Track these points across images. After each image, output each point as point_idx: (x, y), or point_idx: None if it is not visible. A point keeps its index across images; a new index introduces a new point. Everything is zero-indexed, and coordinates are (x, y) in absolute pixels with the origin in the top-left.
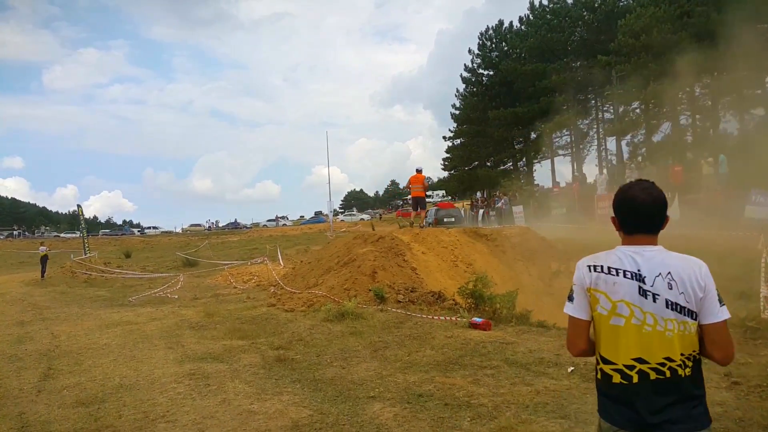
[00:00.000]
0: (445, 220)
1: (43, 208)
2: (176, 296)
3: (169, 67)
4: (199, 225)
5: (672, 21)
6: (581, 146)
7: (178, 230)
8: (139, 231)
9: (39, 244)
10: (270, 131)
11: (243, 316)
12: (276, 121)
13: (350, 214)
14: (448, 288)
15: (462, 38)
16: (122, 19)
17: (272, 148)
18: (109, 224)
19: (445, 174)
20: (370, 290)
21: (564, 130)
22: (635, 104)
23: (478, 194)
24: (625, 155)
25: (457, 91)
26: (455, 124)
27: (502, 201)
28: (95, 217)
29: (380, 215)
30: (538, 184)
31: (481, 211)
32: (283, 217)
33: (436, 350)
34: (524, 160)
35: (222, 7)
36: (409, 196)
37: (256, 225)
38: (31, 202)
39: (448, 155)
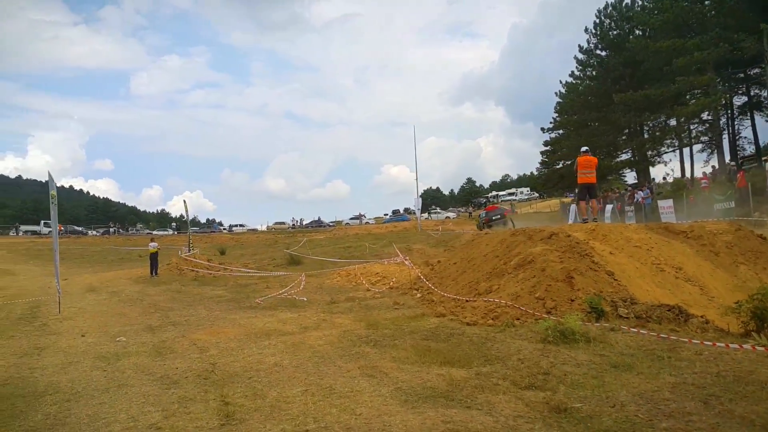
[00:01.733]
0: (494, 219)
1: (133, 207)
2: (304, 298)
3: (247, 72)
4: (283, 223)
5: None
6: (721, 132)
7: (263, 228)
8: (225, 229)
9: (149, 240)
10: (340, 132)
11: (417, 330)
12: (346, 121)
13: (435, 212)
14: (660, 298)
15: (536, 31)
16: (202, 25)
17: (342, 148)
18: (194, 222)
19: (527, 171)
20: (572, 300)
21: (697, 117)
22: None
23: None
24: None
25: (572, 74)
26: (556, 115)
27: (642, 194)
28: (181, 216)
29: (470, 213)
30: (666, 175)
31: (609, 207)
32: (363, 215)
33: None
34: (653, 149)
35: (295, 11)
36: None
37: (339, 223)
38: (120, 202)
39: (547, 148)
